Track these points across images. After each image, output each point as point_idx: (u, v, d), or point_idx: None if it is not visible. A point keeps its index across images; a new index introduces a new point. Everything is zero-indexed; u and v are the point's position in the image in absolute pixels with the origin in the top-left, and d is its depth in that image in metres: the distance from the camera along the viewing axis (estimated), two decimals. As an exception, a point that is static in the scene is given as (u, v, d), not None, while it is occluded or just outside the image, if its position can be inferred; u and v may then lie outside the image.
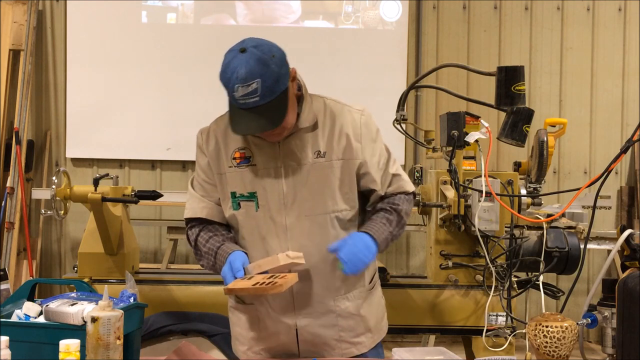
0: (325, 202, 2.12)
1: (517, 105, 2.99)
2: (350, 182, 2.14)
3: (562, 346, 2.19)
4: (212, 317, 2.96)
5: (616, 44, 5.65)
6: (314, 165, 2.11)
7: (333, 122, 2.13)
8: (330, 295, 2.17)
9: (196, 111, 5.38)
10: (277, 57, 1.97)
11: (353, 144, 2.13)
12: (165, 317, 2.90)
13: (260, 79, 1.92)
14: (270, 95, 1.94)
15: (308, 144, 2.11)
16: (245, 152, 2.12)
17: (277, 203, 2.11)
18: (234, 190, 2.14)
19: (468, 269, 3.24)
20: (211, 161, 2.17)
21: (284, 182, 2.10)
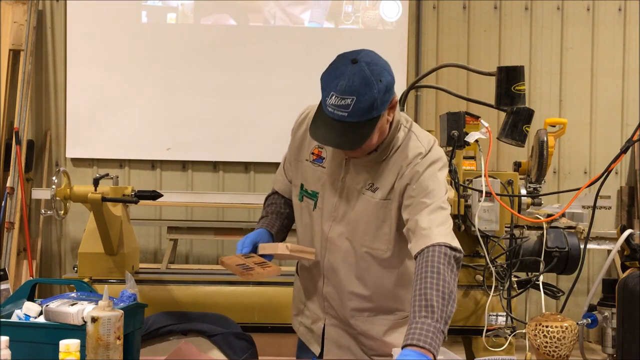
0: (363, 234, 2.08)
1: (517, 105, 2.99)
2: (390, 224, 2.05)
3: (562, 346, 2.19)
4: (212, 317, 2.96)
5: (616, 44, 5.65)
6: (362, 195, 2.06)
7: (398, 157, 2.03)
8: (351, 314, 2.17)
9: (196, 111, 5.39)
10: (383, 83, 1.87)
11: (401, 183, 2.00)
12: (165, 317, 2.90)
13: (356, 98, 1.84)
14: (359, 117, 1.87)
15: (369, 172, 2.05)
16: (322, 151, 2.13)
17: (328, 213, 2.11)
18: (303, 182, 2.16)
19: (468, 269, 3.24)
20: (294, 145, 2.20)
21: (339, 197, 2.09)
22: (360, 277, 2.12)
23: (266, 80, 5.33)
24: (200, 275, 3.51)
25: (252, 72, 5.38)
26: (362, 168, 2.06)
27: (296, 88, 5.24)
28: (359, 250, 2.10)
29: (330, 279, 2.16)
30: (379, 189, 2.04)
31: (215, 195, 5.14)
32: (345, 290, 2.15)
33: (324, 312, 2.23)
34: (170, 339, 2.85)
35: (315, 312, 2.26)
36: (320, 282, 2.20)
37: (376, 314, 2.16)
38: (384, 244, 2.07)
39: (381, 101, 1.88)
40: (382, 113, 1.90)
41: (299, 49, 5.35)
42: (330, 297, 2.19)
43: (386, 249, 2.08)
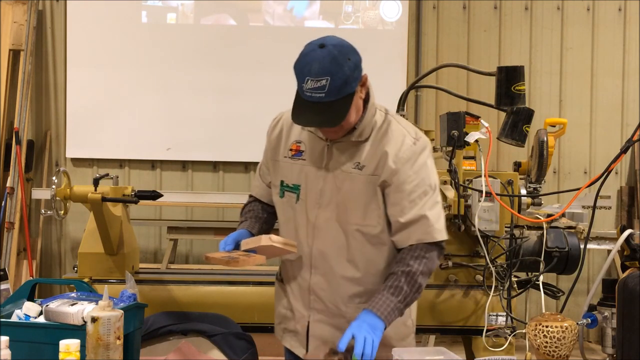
0: (353, 213, 2.15)
1: (517, 105, 2.99)
2: (377, 199, 2.14)
3: (562, 346, 2.19)
4: (212, 317, 2.96)
5: (616, 44, 5.65)
6: (350, 175, 2.14)
7: (382, 138, 2.15)
8: (343, 300, 2.21)
9: (196, 111, 5.39)
10: (352, 61, 2.02)
11: (388, 163, 2.11)
12: (165, 317, 2.90)
13: (330, 77, 1.98)
14: (336, 95, 1.99)
15: (353, 153, 2.15)
16: (300, 145, 2.21)
17: (313, 201, 2.18)
18: (283, 179, 2.24)
19: (468, 269, 3.23)
20: (269, 147, 2.30)
21: (323, 184, 2.17)
22: (351, 259, 2.18)
23: (266, 80, 5.33)
24: (200, 275, 3.51)
25: (252, 72, 5.38)
26: (346, 150, 2.15)
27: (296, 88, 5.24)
28: (350, 230, 2.15)
29: (319, 267, 2.20)
30: (365, 167, 2.13)
31: (215, 195, 5.15)
32: (337, 276, 2.19)
33: (309, 308, 2.25)
34: (170, 339, 2.85)
35: (299, 311, 2.28)
36: (307, 275, 2.23)
37: (367, 299, 2.16)
38: (374, 219, 2.15)
39: (353, 78, 2.02)
40: (355, 89, 2.04)
41: (299, 49, 5.32)
42: (319, 288, 2.21)
43: (376, 223, 2.15)
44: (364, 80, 2.09)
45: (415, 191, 2.12)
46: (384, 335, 2.07)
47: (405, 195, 2.11)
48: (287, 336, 2.35)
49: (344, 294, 2.20)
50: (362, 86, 2.09)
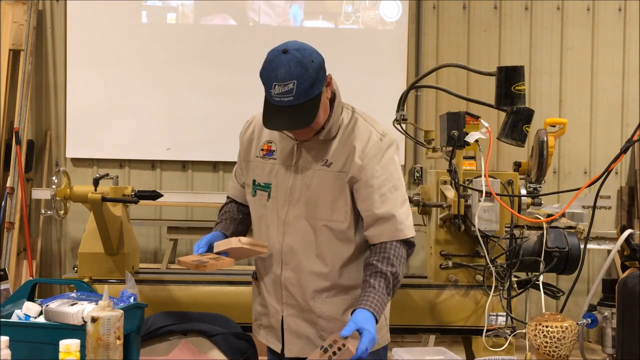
0: (321, 209, 2.21)
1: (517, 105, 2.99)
2: (346, 197, 2.21)
3: (562, 346, 2.19)
4: (212, 317, 2.96)
5: (616, 44, 5.65)
6: (317, 172, 2.21)
7: (350, 135, 2.22)
8: (310, 295, 2.26)
9: (196, 111, 5.39)
10: (315, 63, 2.09)
11: (355, 159, 2.18)
12: (165, 317, 2.90)
13: (297, 81, 2.05)
14: (304, 97, 2.06)
15: (321, 150, 2.22)
16: (271, 145, 2.30)
17: (283, 199, 2.24)
18: (255, 178, 2.32)
19: (468, 269, 3.24)
20: (242, 148, 2.39)
21: (292, 181, 2.24)
22: (319, 254, 2.24)
23: (266, 80, 5.32)
24: (200, 275, 3.50)
25: (252, 72, 5.27)
26: (315, 148, 2.22)
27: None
28: (318, 226, 2.22)
29: (290, 263, 2.26)
30: (333, 164, 2.20)
31: (215, 195, 5.14)
32: (305, 271, 2.25)
33: (282, 303, 2.30)
34: (170, 339, 2.85)
35: (273, 306, 2.33)
36: (278, 270, 2.28)
37: (335, 294, 2.26)
38: (341, 215, 2.21)
39: (318, 79, 2.09)
40: (322, 90, 2.11)
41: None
42: (289, 283, 2.27)
43: (343, 219, 2.22)
44: (329, 80, 2.17)
45: (384, 185, 2.19)
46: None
47: (375, 189, 2.18)
48: (262, 332, 2.41)
49: (312, 289, 2.26)
50: (328, 86, 2.16)
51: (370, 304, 2.11)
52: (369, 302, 2.12)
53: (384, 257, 2.19)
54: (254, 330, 2.46)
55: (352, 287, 2.28)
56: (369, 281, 2.17)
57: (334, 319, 2.26)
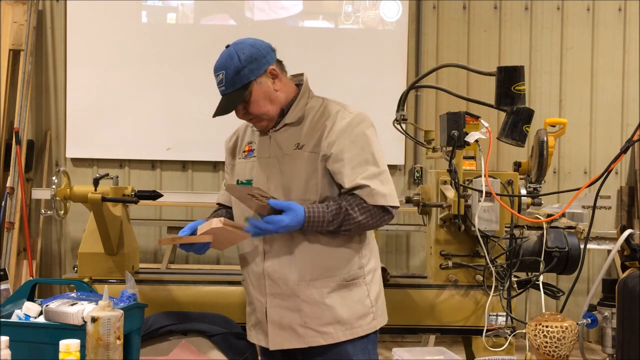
0: (296, 190, 2.28)
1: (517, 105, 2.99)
2: (317, 175, 2.26)
3: (562, 346, 2.19)
4: (212, 317, 2.96)
5: (616, 44, 5.65)
6: (291, 156, 2.29)
7: (320, 117, 2.31)
8: (295, 279, 2.28)
9: (196, 111, 5.38)
10: (246, 55, 2.26)
11: (324, 137, 2.26)
12: (165, 317, 2.90)
13: (225, 71, 2.26)
14: (232, 86, 2.25)
15: (292, 136, 2.31)
16: (252, 145, 2.41)
17: (263, 189, 2.26)
18: (238, 177, 2.42)
19: (468, 269, 3.24)
20: (228, 154, 2.52)
21: (270, 171, 2.32)
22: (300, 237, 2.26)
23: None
24: (200, 275, 3.51)
25: (252, 72, 5.36)
26: (286, 136, 2.32)
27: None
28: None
29: (271, 250, 2.30)
30: (305, 145, 2.28)
31: (215, 196, 5.10)
32: (286, 256, 2.28)
33: (265, 294, 2.32)
34: (170, 339, 2.86)
35: (258, 299, 2.36)
36: (260, 260, 2.32)
37: (316, 278, 2.28)
38: (314, 194, 2.27)
39: (248, 70, 2.24)
40: (253, 80, 2.25)
41: (299, 49, 5.35)
42: (272, 270, 2.30)
43: (315, 198, 2.27)
44: (274, 73, 2.29)
45: (354, 159, 2.23)
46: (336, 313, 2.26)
47: (345, 163, 2.23)
48: (252, 332, 2.43)
49: (294, 273, 2.28)
50: (274, 78, 2.30)
51: (309, 207, 2.19)
52: (311, 206, 2.20)
53: (350, 199, 2.23)
54: (247, 334, 2.49)
55: (335, 268, 2.29)
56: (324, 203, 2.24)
57: (318, 302, 2.27)
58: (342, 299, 2.29)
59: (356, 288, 2.32)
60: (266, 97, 2.29)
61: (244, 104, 2.28)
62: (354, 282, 2.32)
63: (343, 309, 2.28)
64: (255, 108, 2.28)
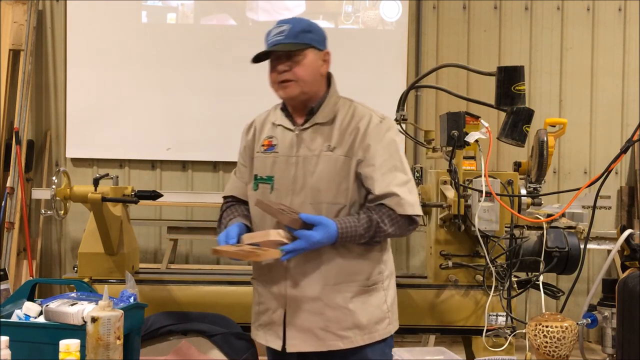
0: (327, 193, 2.24)
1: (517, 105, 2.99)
2: (349, 180, 2.25)
3: (562, 346, 2.19)
4: (212, 317, 2.96)
5: (616, 44, 5.65)
6: (321, 157, 2.26)
7: (351, 120, 2.29)
8: (320, 283, 2.26)
9: (196, 111, 5.39)
10: (318, 27, 2.30)
11: (357, 142, 2.25)
12: (165, 317, 2.90)
13: (292, 25, 2.24)
14: (293, 38, 2.23)
15: (322, 136, 2.28)
16: (272, 140, 2.35)
17: (287, 188, 2.27)
18: (256, 173, 2.36)
19: (468, 269, 3.24)
20: (247, 146, 2.44)
21: (295, 170, 2.27)
22: None
23: (266, 80, 5.30)
24: (200, 275, 3.51)
25: (252, 72, 5.32)
26: (315, 136, 2.29)
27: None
28: (322, 209, 2.24)
29: None
30: (336, 148, 2.26)
31: (215, 195, 5.14)
32: (311, 260, 2.23)
33: (286, 296, 2.28)
34: (170, 339, 2.86)
35: (275, 300, 2.31)
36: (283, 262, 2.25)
37: (340, 282, 2.26)
38: (344, 198, 2.25)
39: (315, 36, 2.27)
40: (314, 46, 2.25)
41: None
42: (296, 273, 2.26)
43: (345, 202, 2.25)
44: (327, 55, 2.32)
45: (384, 165, 2.24)
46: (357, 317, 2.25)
47: (376, 169, 2.22)
48: (261, 332, 2.38)
49: (320, 275, 2.25)
50: (325, 61, 2.31)
51: (341, 222, 2.17)
52: (343, 220, 2.18)
53: (380, 211, 2.22)
54: (253, 333, 2.44)
55: (358, 273, 2.28)
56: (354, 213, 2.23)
57: (341, 306, 2.26)
58: (363, 304, 2.29)
59: (375, 293, 2.32)
60: (313, 70, 2.27)
61: (290, 63, 2.24)
62: (373, 287, 2.32)
63: (363, 314, 2.28)
64: (301, 71, 2.24)
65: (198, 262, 5.46)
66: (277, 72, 2.28)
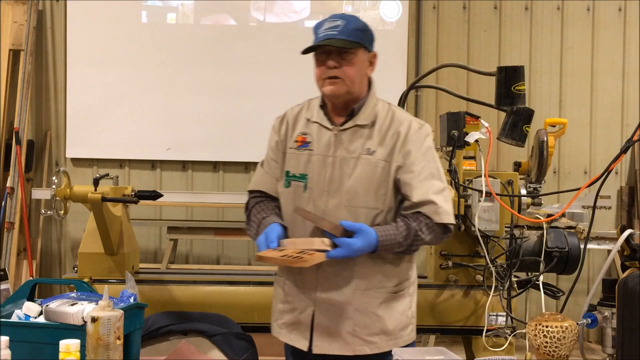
0: (364, 197, 2.22)
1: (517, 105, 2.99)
2: (387, 185, 2.23)
3: (562, 346, 2.19)
4: (212, 317, 2.96)
5: (616, 44, 5.64)
6: (360, 160, 2.23)
7: (390, 125, 2.27)
8: (351, 287, 2.24)
9: (196, 111, 5.39)
10: (368, 27, 2.27)
11: (397, 147, 2.24)
12: (165, 317, 2.90)
13: (346, 22, 2.20)
14: (347, 35, 2.19)
15: (361, 139, 2.26)
16: (306, 137, 2.30)
17: (321, 188, 2.24)
18: (288, 169, 2.31)
19: (468, 269, 3.24)
20: (279, 141, 2.36)
21: (332, 171, 2.24)
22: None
23: (266, 80, 5.33)
24: (200, 275, 3.51)
25: (252, 72, 5.38)
26: (354, 138, 2.25)
27: (296, 88, 5.22)
28: (358, 213, 2.21)
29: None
30: (376, 152, 2.24)
31: (215, 195, 5.14)
32: (343, 264, 2.20)
33: (315, 297, 2.26)
34: (170, 339, 2.86)
35: (303, 300, 2.29)
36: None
37: (371, 288, 2.25)
38: (381, 203, 2.23)
39: (368, 37, 2.27)
40: (365, 47, 2.25)
41: (299, 49, 5.33)
42: (327, 276, 2.24)
43: (383, 206, 2.24)
44: (375, 58, 2.32)
45: (422, 172, 2.23)
46: (384, 323, 2.24)
47: (415, 175, 2.21)
48: (284, 331, 2.34)
49: (351, 281, 2.23)
50: (371, 63, 2.32)
51: (381, 230, 2.15)
52: (382, 229, 2.16)
53: (417, 219, 2.21)
54: (274, 331, 2.39)
55: (388, 279, 2.27)
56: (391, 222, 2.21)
57: (370, 312, 2.25)
58: (390, 309, 2.28)
59: (401, 299, 2.31)
60: (361, 70, 2.27)
61: (341, 60, 2.21)
62: (400, 293, 2.31)
63: (390, 320, 2.27)
64: (351, 70, 2.22)
65: (198, 262, 5.46)
66: (326, 67, 2.23)
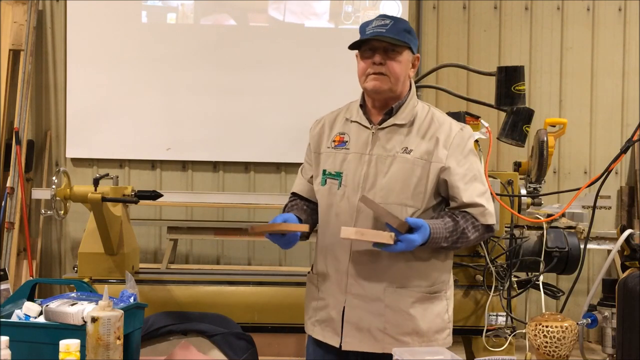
0: (400, 194, 2.24)
1: (517, 105, 3.00)
2: (427, 184, 2.24)
3: (562, 346, 2.19)
4: (212, 317, 2.96)
5: (616, 44, 5.64)
6: (397, 158, 2.25)
7: (429, 125, 2.30)
8: (383, 284, 2.24)
9: (196, 111, 5.39)
10: (413, 31, 2.28)
11: (439, 149, 2.25)
12: (165, 317, 2.90)
13: (394, 22, 2.23)
14: (395, 34, 2.21)
15: (399, 138, 2.28)
16: (344, 136, 2.35)
17: (356, 185, 2.26)
18: (325, 168, 2.35)
19: (468, 269, 3.24)
20: (312, 142, 2.43)
21: (367, 168, 2.27)
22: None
23: (266, 80, 5.33)
24: (200, 275, 3.51)
25: (252, 72, 5.37)
26: (392, 136, 2.28)
27: (296, 88, 5.24)
28: (396, 212, 2.19)
29: (359, 250, 2.24)
30: (414, 151, 2.25)
31: (215, 195, 5.14)
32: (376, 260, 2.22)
33: (345, 292, 2.27)
34: (170, 339, 2.85)
35: (334, 296, 2.29)
36: (346, 258, 2.26)
37: (404, 286, 2.25)
38: (420, 201, 2.25)
39: (413, 38, 2.27)
40: (410, 48, 2.25)
41: (299, 49, 5.36)
42: (358, 271, 2.25)
43: (420, 205, 2.25)
44: (417, 61, 2.32)
45: (467, 174, 2.25)
46: (417, 323, 2.24)
47: (460, 177, 2.23)
48: (317, 328, 2.35)
49: (383, 277, 2.24)
50: (414, 65, 2.31)
51: (434, 226, 2.16)
52: (432, 222, 2.17)
53: (465, 217, 2.24)
54: (308, 329, 2.41)
55: (422, 279, 2.27)
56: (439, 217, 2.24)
57: (402, 310, 2.25)
58: (424, 310, 2.27)
59: (437, 301, 2.30)
60: (405, 70, 2.28)
61: (386, 57, 2.24)
62: (436, 295, 2.30)
63: (423, 321, 2.26)
64: (396, 67, 2.24)
65: (198, 262, 5.46)
66: (372, 63, 2.25)
